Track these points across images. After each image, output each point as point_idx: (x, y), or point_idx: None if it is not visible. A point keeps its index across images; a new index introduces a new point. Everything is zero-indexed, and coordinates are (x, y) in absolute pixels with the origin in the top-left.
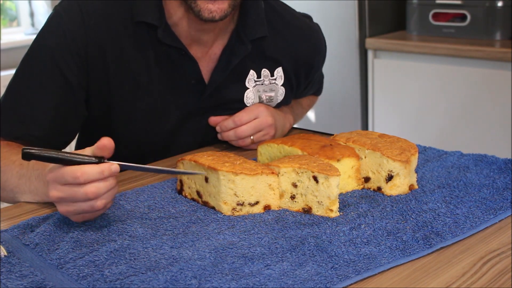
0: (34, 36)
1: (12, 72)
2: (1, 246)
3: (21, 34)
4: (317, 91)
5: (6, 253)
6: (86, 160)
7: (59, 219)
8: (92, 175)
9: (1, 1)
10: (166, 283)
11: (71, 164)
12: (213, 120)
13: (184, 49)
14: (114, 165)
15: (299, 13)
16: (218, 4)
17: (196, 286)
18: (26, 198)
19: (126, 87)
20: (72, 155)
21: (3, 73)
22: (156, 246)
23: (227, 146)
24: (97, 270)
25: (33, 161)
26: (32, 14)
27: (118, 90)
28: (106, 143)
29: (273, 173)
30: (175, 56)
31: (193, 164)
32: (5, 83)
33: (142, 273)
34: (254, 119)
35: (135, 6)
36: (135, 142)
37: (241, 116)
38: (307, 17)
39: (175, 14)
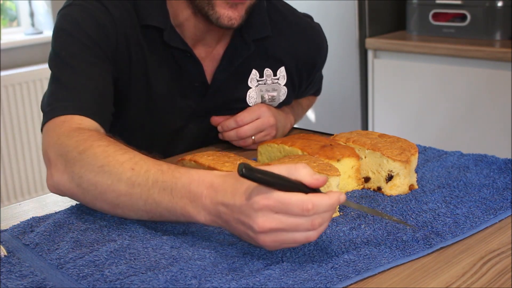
0: (34, 36)
1: (12, 72)
2: (1, 246)
3: (21, 34)
4: (317, 91)
5: (6, 253)
6: (307, 190)
7: (59, 219)
8: (322, 208)
9: (1, 1)
10: (166, 283)
11: (290, 190)
12: (215, 120)
13: (190, 51)
14: (343, 196)
15: (300, 13)
16: (238, 11)
17: (196, 286)
18: (139, 213)
19: (141, 84)
20: (293, 183)
21: (3, 73)
22: (156, 246)
23: (228, 146)
24: (97, 270)
25: (148, 167)
26: (32, 14)
27: (135, 85)
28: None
29: None
30: (179, 57)
31: (193, 164)
32: (5, 83)
33: (142, 273)
34: (256, 119)
35: (139, 8)
36: (139, 140)
37: (243, 116)
38: (308, 17)
39: (181, 15)
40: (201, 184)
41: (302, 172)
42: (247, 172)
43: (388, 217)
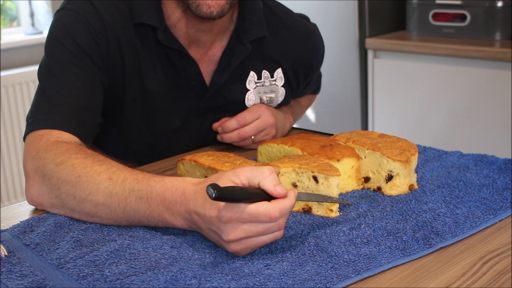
0: (34, 36)
1: (12, 72)
2: (2, 246)
3: (21, 34)
4: (316, 90)
5: (6, 253)
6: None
7: (59, 219)
8: (286, 211)
9: (1, 1)
10: (166, 283)
11: (252, 201)
12: (216, 125)
13: (184, 51)
14: (296, 191)
15: (296, 14)
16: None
17: (196, 286)
18: (118, 220)
19: (135, 86)
20: (257, 194)
21: (3, 73)
22: (156, 246)
23: (227, 146)
24: (97, 270)
25: (125, 177)
26: (32, 14)
27: (129, 88)
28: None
29: None
30: (175, 57)
31: (193, 164)
32: (5, 83)
33: (142, 273)
34: (257, 119)
35: (134, 7)
36: (139, 141)
37: (244, 116)
38: (303, 18)
39: (173, 15)
40: (175, 192)
41: (266, 181)
42: (216, 196)
43: (335, 200)
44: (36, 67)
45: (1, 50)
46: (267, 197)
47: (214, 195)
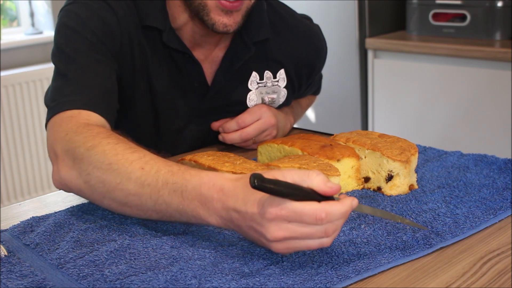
0: (34, 36)
1: (12, 72)
2: (1, 246)
3: (21, 34)
4: (316, 91)
5: (6, 253)
6: (319, 198)
7: (59, 219)
8: (335, 216)
9: (1, 1)
10: (166, 283)
11: (303, 198)
12: (214, 125)
13: (189, 53)
14: (355, 201)
15: (299, 14)
16: (234, 18)
17: (196, 286)
18: (148, 213)
19: (143, 84)
20: (305, 192)
21: (3, 73)
22: (156, 246)
23: (228, 146)
24: (97, 270)
25: (158, 168)
26: (32, 14)
27: (139, 86)
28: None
29: None
30: (179, 59)
31: (193, 164)
32: (5, 83)
33: (142, 273)
34: (257, 120)
35: (140, 8)
36: (144, 140)
37: (244, 117)
38: (307, 19)
39: (179, 18)
40: (212, 187)
41: (315, 180)
42: (259, 184)
43: (401, 220)
44: (36, 67)
45: (1, 50)
46: (318, 198)
47: (256, 183)
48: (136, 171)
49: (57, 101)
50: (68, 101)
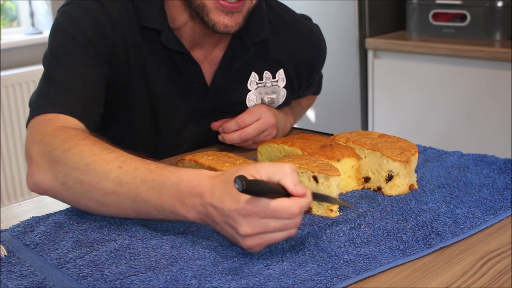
0: (34, 36)
1: (12, 72)
2: (1, 246)
3: (21, 34)
4: (316, 91)
5: (6, 253)
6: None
7: (59, 219)
8: (305, 209)
9: (1, 1)
10: (166, 283)
11: (272, 196)
12: (214, 125)
13: (187, 53)
14: (311, 190)
15: (299, 14)
16: (235, 19)
17: (196, 286)
18: (126, 211)
19: (140, 85)
20: (275, 187)
21: (3, 73)
22: (156, 246)
23: (228, 146)
24: (97, 270)
25: (136, 166)
26: (32, 14)
27: (135, 87)
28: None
29: None
30: (178, 59)
31: (193, 164)
32: (5, 83)
33: (142, 273)
34: (257, 120)
35: (138, 9)
36: (143, 141)
37: (244, 118)
38: (306, 19)
39: (179, 19)
40: (190, 184)
41: (287, 179)
42: (247, 189)
43: (341, 203)
44: (36, 67)
45: (1, 50)
46: (286, 194)
47: (243, 188)
48: (114, 170)
49: (39, 102)
50: (49, 104)
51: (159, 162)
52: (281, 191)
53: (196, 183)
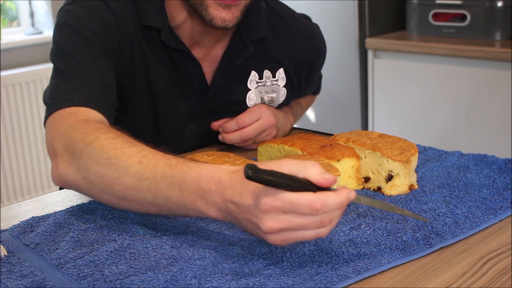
0: (34, 36)
1: (12, 72)
2: (1, 246)
3: (21, 34)
4: (316, 90)
5: (6, 253)
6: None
7: (59, 219)
8: (331, 207)
9: (1, 1)
10: (166, 283)
11: (298, 189)
12: (214, 125)
13: (188, 52)
14: (352, 193)
15: (298, 14)
16: (232, 13)
17: (196, 286)
18: (147, 206)
19: (143, 84)
20: (301, 182)
21: (3, 73)
22: (156, 246)
23: (228, 146)
24: (97, 270)
25: (156, 161)
26: (32, 14)
27: (138, 85)
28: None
29: None
30: (178, 58)
31: None
32: (5, 83)
33: (142, 273)
34: (257, 120)
35: (139, 8)
36: (144, 140)
37: (244, 117)
38: (306, 18)
39: (178, 16)
40: (210, 180)
41: (311, 171)
42: (253, 175)
43: (401, 211)
44: (36, 67)
45: (1, 50)
46: (314, 189)
47: (250, 174)
48: (134, 165)
49: (56, 98)
50: (67, 98)
51: (180, 157)
52: (309, 187)
53: (216, 179)
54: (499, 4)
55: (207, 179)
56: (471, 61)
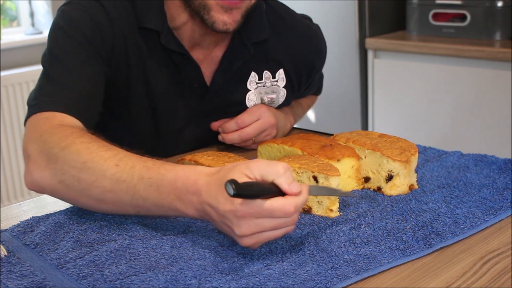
0: (34, 36)
1: (12, 72)
2: (1, 246)
3: (21, 34)
4: (317, 91)
5: (6, 253)
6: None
7: (59, 219)
8: (300, 206)
9: (1, 1)
10: (166, 283)
11: (271, 196)
12: (214, 125)
13: (187, 54)
14: (307, 186)
15: (299, 14)
16: (233, 16)
17: (196, 286)
18: (125, 208)
19: (140, 85)
20: (269, 188)
21: (3, 73)
22: (156, 246)
23: (228, 146)
24: (97, 270)
25: (133, 164)
26: (32, 14)
27: (135, 87)
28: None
29: None
30: (177, 60)
31: (193, 164)
32: (5, 83)
33: (142, 273)
34: (257, 120)
35: (137, 10)
36: (143, 141)
37: (243, 118)
38: (306, 18)
39: (178, 18)
40: (186, 181)
41: (280, 180)
42: (237, 193)
43: (341, 194)
44: (36, 67)
45: (1, 50)
46: (281, 192)
47: (233, 192)
48: (111, 168)
49: (37, 100)
50: (47, 101)
51: (156, 159)
52: (276, 190)
53: (192, 181)
54: (499, 4)
55: (184, 180)
56: (471, 61)
